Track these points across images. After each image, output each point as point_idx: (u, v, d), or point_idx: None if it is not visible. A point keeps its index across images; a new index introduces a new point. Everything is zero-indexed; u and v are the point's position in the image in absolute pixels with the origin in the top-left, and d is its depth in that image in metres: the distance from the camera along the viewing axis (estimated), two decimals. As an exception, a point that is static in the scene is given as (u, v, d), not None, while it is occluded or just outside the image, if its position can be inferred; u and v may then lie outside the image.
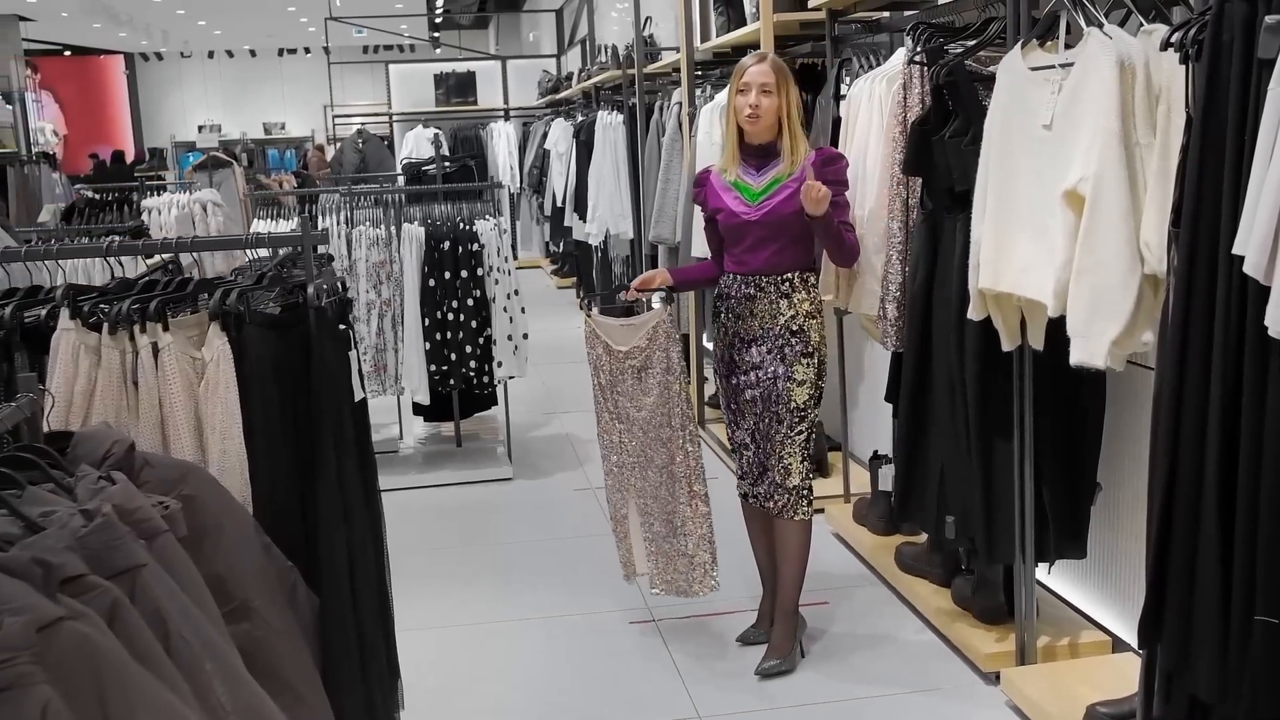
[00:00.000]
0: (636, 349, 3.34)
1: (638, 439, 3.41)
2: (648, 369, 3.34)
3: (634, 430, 3.41)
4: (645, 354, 3.34)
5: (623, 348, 3.38)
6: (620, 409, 3.44)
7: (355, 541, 2.33)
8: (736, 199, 3.35)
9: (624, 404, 3.42)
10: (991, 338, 2.96)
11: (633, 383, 3.38)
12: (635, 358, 3.35)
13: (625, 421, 3.44)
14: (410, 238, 5.16)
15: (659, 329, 3.32)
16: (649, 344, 3.32)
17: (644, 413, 3.37)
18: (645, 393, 3.36)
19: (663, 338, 3.32)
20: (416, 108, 13.75)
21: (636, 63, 7.20)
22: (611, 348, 3.40)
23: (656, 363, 3.33)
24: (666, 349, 3.32)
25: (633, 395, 3.39)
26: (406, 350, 5.16)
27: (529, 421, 6.45)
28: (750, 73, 3.27)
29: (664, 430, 3.34)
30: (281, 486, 2.25)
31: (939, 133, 3.06)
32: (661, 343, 3.32)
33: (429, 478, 5.42)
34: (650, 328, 3.33)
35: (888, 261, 3.32)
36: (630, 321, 3.40)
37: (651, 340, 3.32)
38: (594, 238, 7.94)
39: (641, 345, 3.33)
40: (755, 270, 3.34)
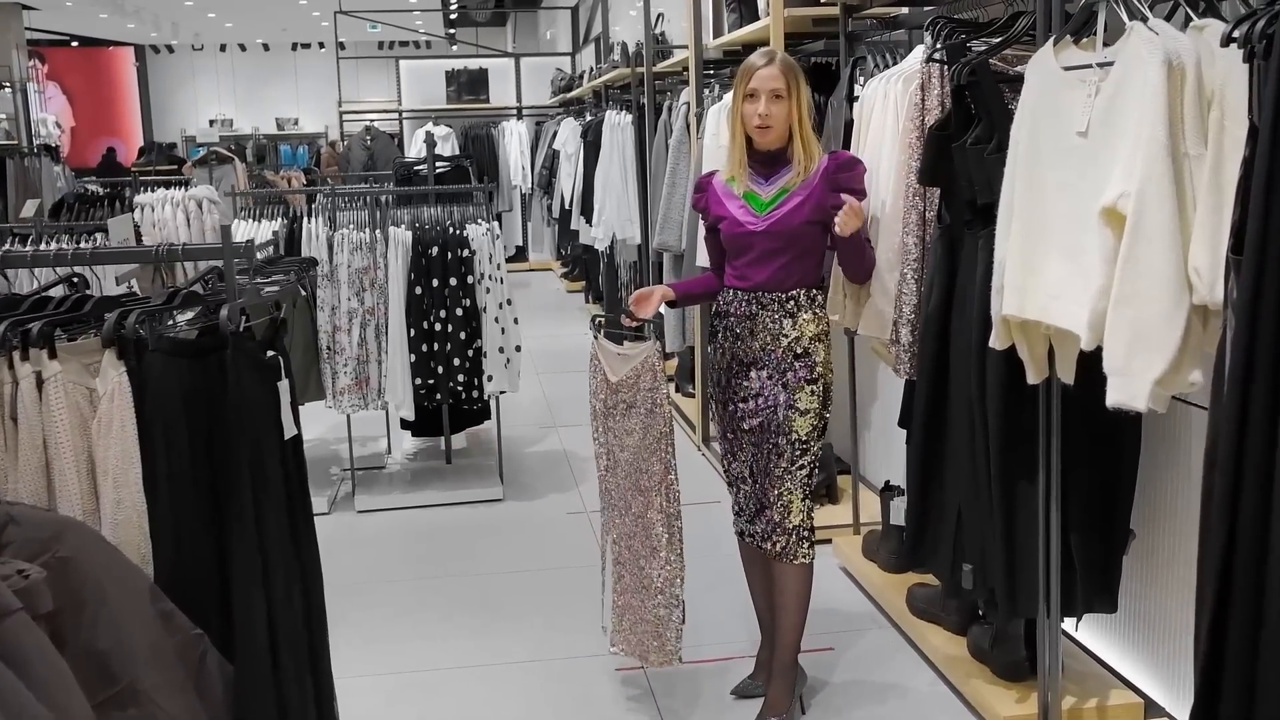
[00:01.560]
0: (626, 382, 3.03)
1: (619, 479, 3.10)
2: (633, 406, 3.02)
3: (618, 470, 3.10)
4: (632, 390, 3.02)
5: (614, 378, 3.07)
6: (609, 442, 3.13)
7: (278, 600, 2.03)
8: (742, 208, 3.05)
9: (612, 439, 3.11)
10: (1015, 368, 2.64)
11: (621, 417, 3.06)
12: (625, 391, 3.04)
13: (611, 458, 3.12)
14: (396, 242, 4.86)
15: (645, 365, 3.00)
16: (635, 380, 3.01)
17: (627, 453, 3.06)
18: (629, 432, 3.05)
19: (647, 376, 2.99)
20: (427, 105, 13.49)
21: (645, 61, 6.89)
22: (607, 376, 3.10)
23: (640, 403, 3.01)
24: (652, 390, 2.99)
25: (620, 430, 3.08)
26: (390, 362, 4.86)
27: (524, 436, 6.14)
28: (759, 76, 2.97)
29: (642, 479, 3.02)
30: (190, 541, 1.95)
31: (960, 139, 2.73)
32: (646, 382, 2.99)
33: (415, 498, 5.12)
34: (638, 363, 3.01)
35: (901, 280, 3.00)
36: (624, 351, 3.08)
37: (638, 376, 3.00)
38: (600, 242, 7.64)
39: (630, 380, 3.02)
40: (758, 286, 3.04)
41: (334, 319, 4.84)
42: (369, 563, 4.50)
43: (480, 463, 5.58)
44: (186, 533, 1.94)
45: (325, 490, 5.17)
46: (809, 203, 2.98)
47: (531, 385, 7.11)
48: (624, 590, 3.11)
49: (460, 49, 18.05)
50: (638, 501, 3.04)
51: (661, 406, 2.98)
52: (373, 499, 5.09)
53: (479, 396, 5.01)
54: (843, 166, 3.00)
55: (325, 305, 4.82)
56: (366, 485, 5.26)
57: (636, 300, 3.11)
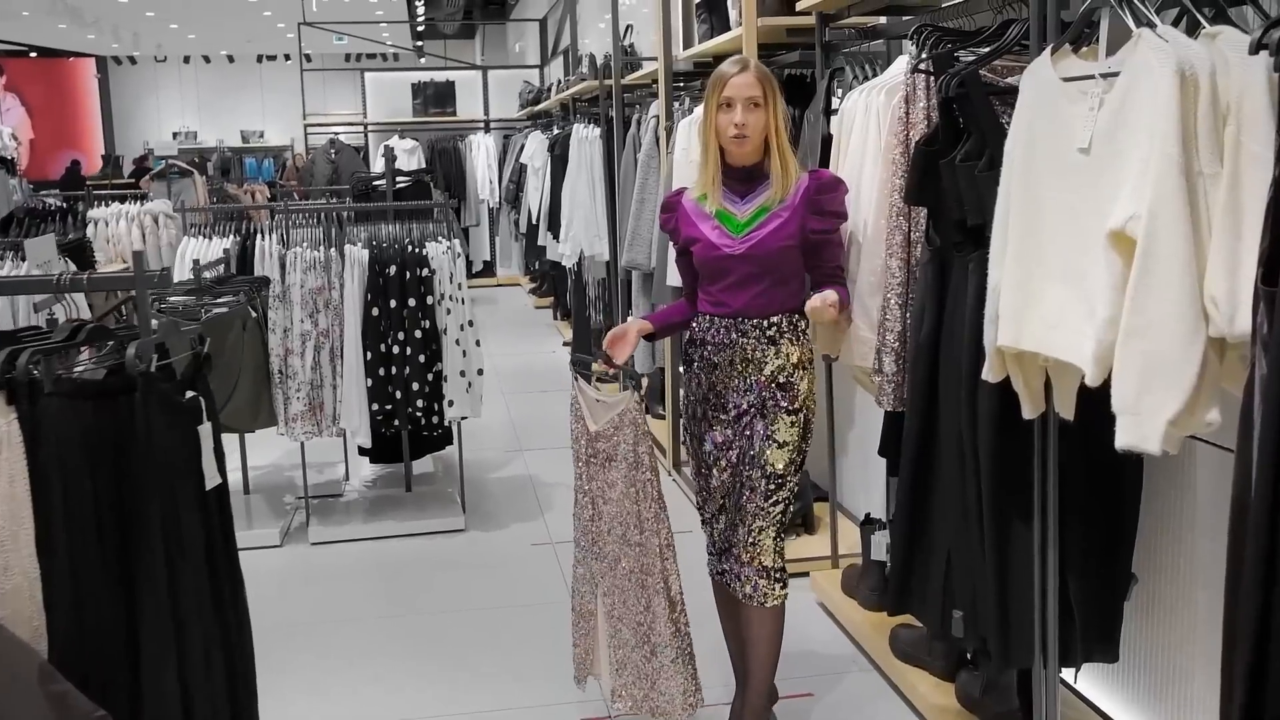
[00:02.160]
0: (605, 433, 2.81)
1: (604, 531, 2.87)
2: (613, 459, 2.80)
3: (602, 521, 2.87)
4: (612, 442, 2.80)
5: (593, 426, 2.85)
6: (593, 490, 2.91)
7: (194, 672, 1.80)
8: (717, 229, 2.85)
9: (595, 487, 2.89)
10: (1010, 401, 2.45)
11: (601, 467, 2.84)
12: (604, 441, 2.82)
13: (595, 508, 2.90)
14: (352, 261, 4.63)
15: (625, 417, 2.78)
16: (615, 432, 2.79)
17: (611, 506, 2.84)
18: (610, 484, 2.83)
19: (628, 428, 2.77)
20: (393, 118, 13.27)
21: (614, 72, 6.70)
22: (587, 424, 2.88)
23: (622, 456, 2.79)
24: (634, 443, 2.77)
25: (603, 482, 2.85)
26: (346, 387, 4.63)
27: (489, 460, 5.91)
28: (734, 84, 2.77)
29: (632, 533, 2.79)
30: (94, 609, 1.72)
31: (948, 155, 2.55)
32: (627, 435, 2.77)
33: (372, 528, 4.88)
34: (617, 414, 2.80)
35: (885, 306, 2.80)
36: (602, 398, 2.87)
37: (618, 429, 2.79)
38: (567, 259, 7.42)
39: (609, 431, 2.80)
40: (736, 312, 2.84)
41: (286, 342, 4.60)
42: (321, 600, 4.26)
43: (442, 490, 5.35)
44: (89, 599, 1.71)
45: (278, 520, 4.92)
46: (790, 224, 2.78)
47: (497, 406, 6.88)
48: (621, 645, 2.87)
49: (428, 61, 17.85)
50: (628, 556, 2.82)
51: (645, 461, 2.76)
52: (327, 530, 4.85)
53: (439, 422, 4.78)
54: (824, 188, 2.81)
55: (277, 327, 4.59)
56: (322, 515, 5.01)
57: (611, 342, 2.89)
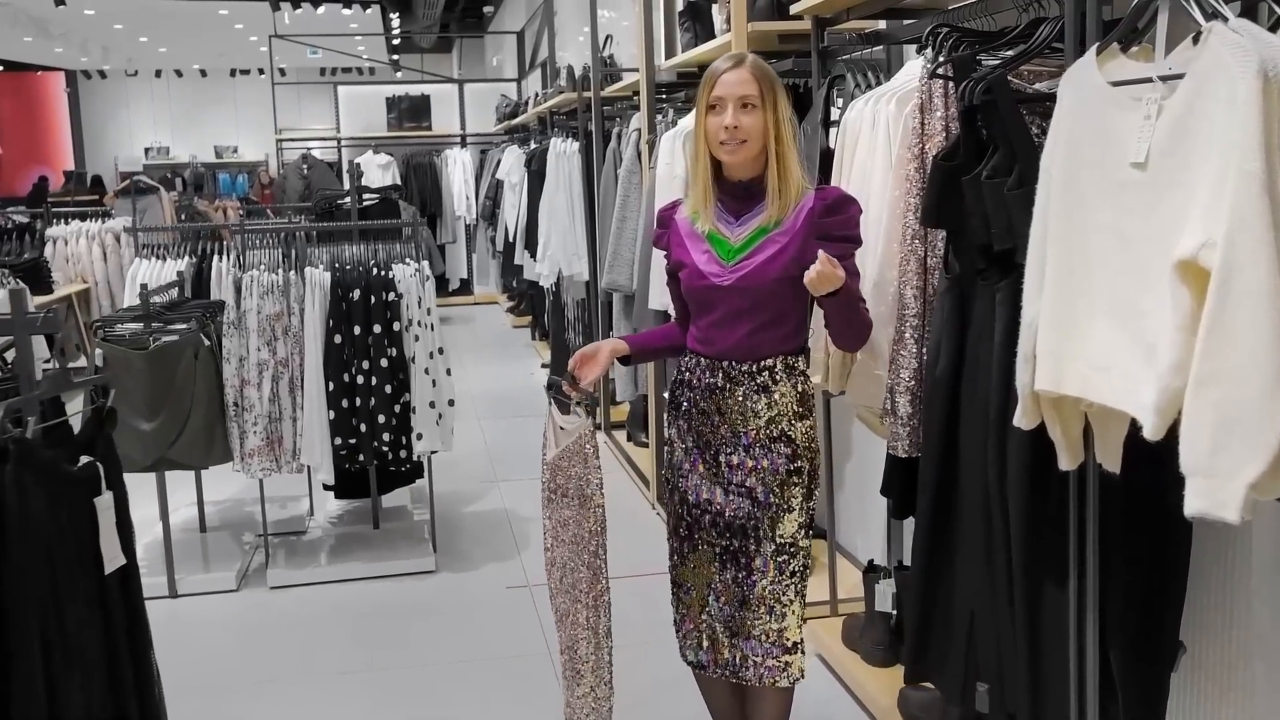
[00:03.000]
0: (560, 464, 2.50)
1: (557, 575, 2.57)
2: (568, 494, 2.50)
3: (555, 567, 2.57)
4: (567, 474, 2.49)
5: (552, 453, 2.55)
6: (555, 528, 2.60)
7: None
8: (707, 254, 2.52)
9: (556, 524, 2.58)
10: (1043, 449, 2.15)
11: (557, 503, 2.54)
12: (560, 473, 2.51)
13: (553, 550, 2.60)
14: (313, 284, 4.31)
15: (575, 448, 2.46)
16: (569, 463, 2.48)
17: (563, 548, 2.53)
18: (563, 523, 2.52)
19: (576, 461, 2.46)
20: (367, 132, 12.96)
21: (593, 84, 6.41)
22: (548, 450, 2.58)
23: (573, 492, 2.48)
24: (582, 479, 2.45)
25: (558, 518, 2.55)
26: (306, 420, 4.30)
27: (462, 493, 5.59)
28: (725, 81, 2.43)
29: (571, 578, 2.49)
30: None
31: (971, 171, 2.25)
32: (576, 469, 2.46)
33: (335, 570, 4.54)
34: (571, 444, 2.48)
35: (898, 340, 2.50)
36: (565, 424, 2.56)
37: (570, 459, 2.47)
38: (545, 278, 7.12)
39: (563, 462, 2.49)
40: (724, 353, 2.51)
41: (242, 371, 4.27)
42: (280, 651, 3.92)
43: (412, 526, 5.02)
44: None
45: (235, 562, 4.58)
46: (788, 251, 2.44)
47: (471, 433, 6.57)
48: None
49: (404, 75, 17.55)
50: (570, 607, 2.51)
51: (592, 500, 2.44)
52: (288, 572, 4.51)
53: (408, 457, 4.45)
54: (833, 208, 2.44)
55: (232, 356, 4.26)
56: (283, 555, 4.67)
57: (581, 361, 2.57)
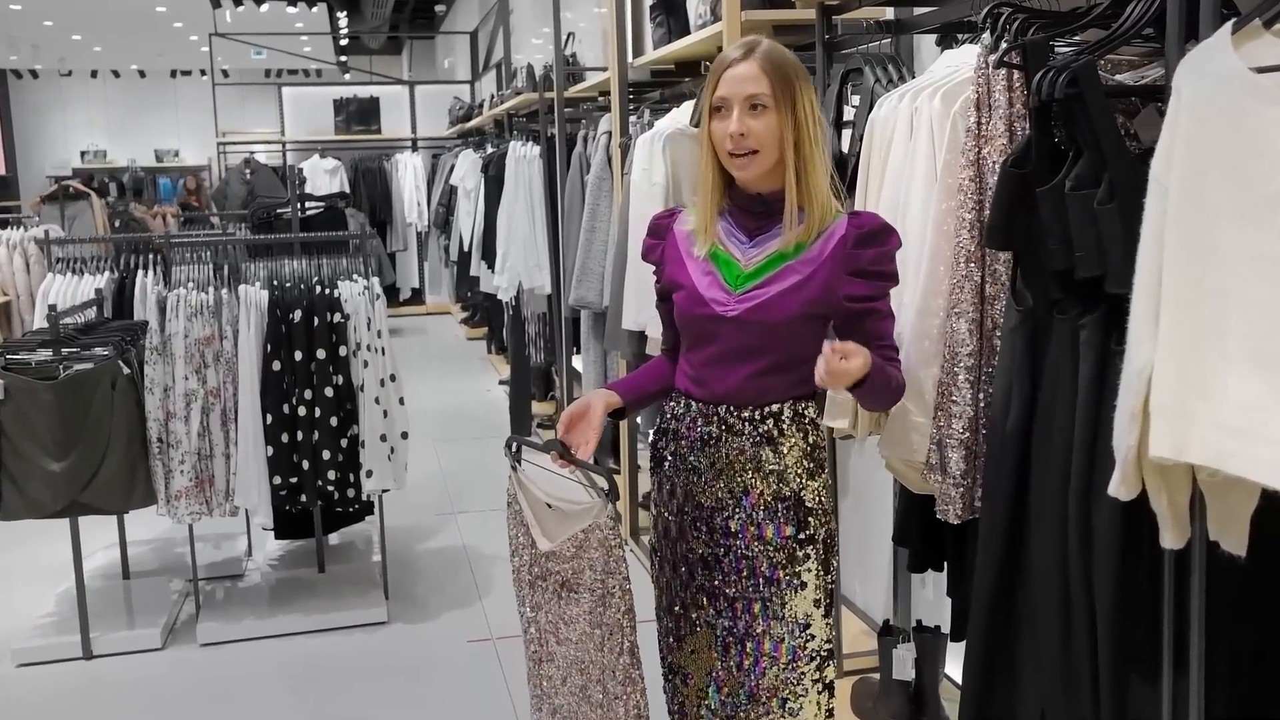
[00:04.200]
0: (562, 554, 2.05)
1: (558, 681, 2.12)
2: (574, 590, 2.04)
3: (554, 665, 2.12)
4: (572, 565, 2.04)
5: (544, 544, 2.09)
6: (541, 624, 2.15)
7: None
8: (710, 277, 2.09)
9: (544, 620, 2.13)
10: (1139, 522, 1.76)
11: (554, 596, 2.09)
12: (559, 562, 2.06)
13: (544, 645, 2.14)
14: (249, 304, 3.84)
15: (592, 538, 2.01)
16: (577, 554, 2.03)
17: (569, 648, 2.08)
18: (568, 621, 2.07)
19: (597, 552, 2.01)
20: (313, 136, 12.42)
21: (556, 84, 5.97)
22: (533, 537, 2.12)
23: (586, 587, 2.02)
24: (604, 573, 2.01)
25: (555, 616, 2.10)
26: (241, 457, 3.82)
27: (416, 528, 5.12)
28: (729, 78, 2.01)
29: (592, 688, 2.04)
30: None
31: (1046, 180, 1.85)
32: (595, 561, 2.01)
33: (274, 623, 4.05)
34: (580, 532, 2.03)
35: (949, 384, 2.08)
36: (559, 504, 2.11)
37: (581, 551, 2.02)
38: (504, 292, 6.65)
39: (568, 552, 2.04)
40: (721, 397, 2.08)
41: (167, 403, 3.78)
42: None
43: (362, 568, 4.54)
44: None
45: (160, 614, 4.08)
46: (812, 285, 2.01)
47: (426, 458, 6.10)
48: None
49: (353, 76, 17.01)
50: (596, 696, 2.06)
51: (616, 597, 2.00)
52: (221, 626, 4.02)
53: (355, 496, 3.99)
54: (868, 238, 1.99)
55: (155, 386, 3.77)
56: (215, 605, 4.18)
57: (570, 424, 2.10)
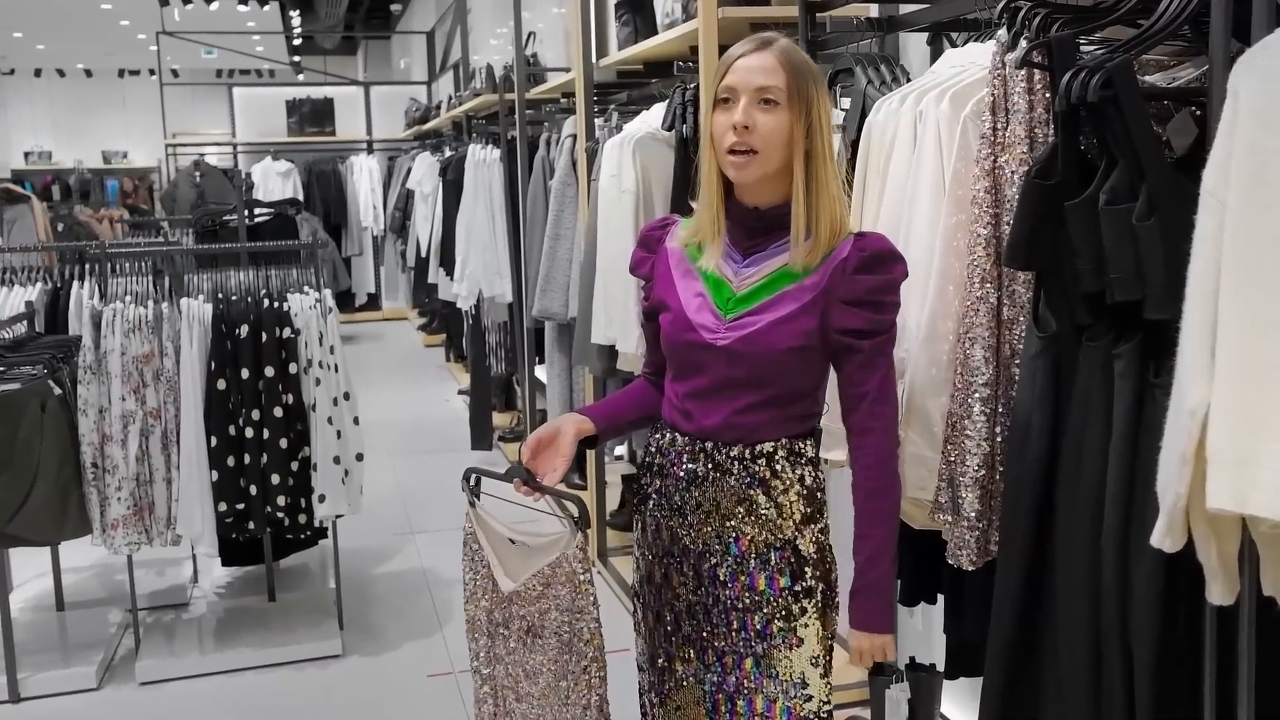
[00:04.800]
0: (527, 594, 1.84)
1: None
2: (538, 635, 1.84)
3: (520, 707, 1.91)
4: (537, 606, 1.83)
5: (506, 585, 1.88)
6: (499, 678, 1.94)
7: None
8: (700, 299, 1.89)
9: (503, 673, 1.92)
10: (1180, 573, 1.58)
11: (518, 644, 1.87)
12: (523, 605, 1.85)
13: (501, 702, 1.93)
14: (191, 319, 3.59)
15: (559, 571, 1.81)
16: (543, 593, 1.82)
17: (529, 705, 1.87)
18: (531, 674, 1.86)
19: (563, 590, 1.80)
20: (265, 137, 12.10)
21: (517, 85, 5.76)
22: (494, 576, 1.90)
23: (552, 628, 1.82)
24: (573, 613, 1.80)
25: (517, 666, 1.89)
26: (183, 483, 3.57)
27: (373, 549, 4.88)
28: (741, 67, 1.80)
29: None
30: None
31: (1075, 193, 1.66)
32: (561, 597, 1.81)
33: (220, 658, 3.80)
34: (546, 566, 1.82)
35: (962, 416, 1.88)
36: (522, 537, 1.90)
37: (547, 588, 1.82)
38: (463, 300, 6.42)
39: (533, 590, 1.83)
40: (709, 433, 1.88)
41: (102, 426, 3.52)
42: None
43: (315, 595, 4.30)
44: None
45: (96, 650, 3.81)
46: (810, 315, 1.81)
47: (382, 473, 5.84)
48: None
49: (307, 77, 16.68)
50: None
51: (584, 638, 1.79)
52: (162, 663, 3.76)
53: (307, 522, 3.75)
54: (872, 262, 1.78)
55: (90, 407, 3.51)
56: (156, 639, 3.92)
57: (536, 451, 1.90)
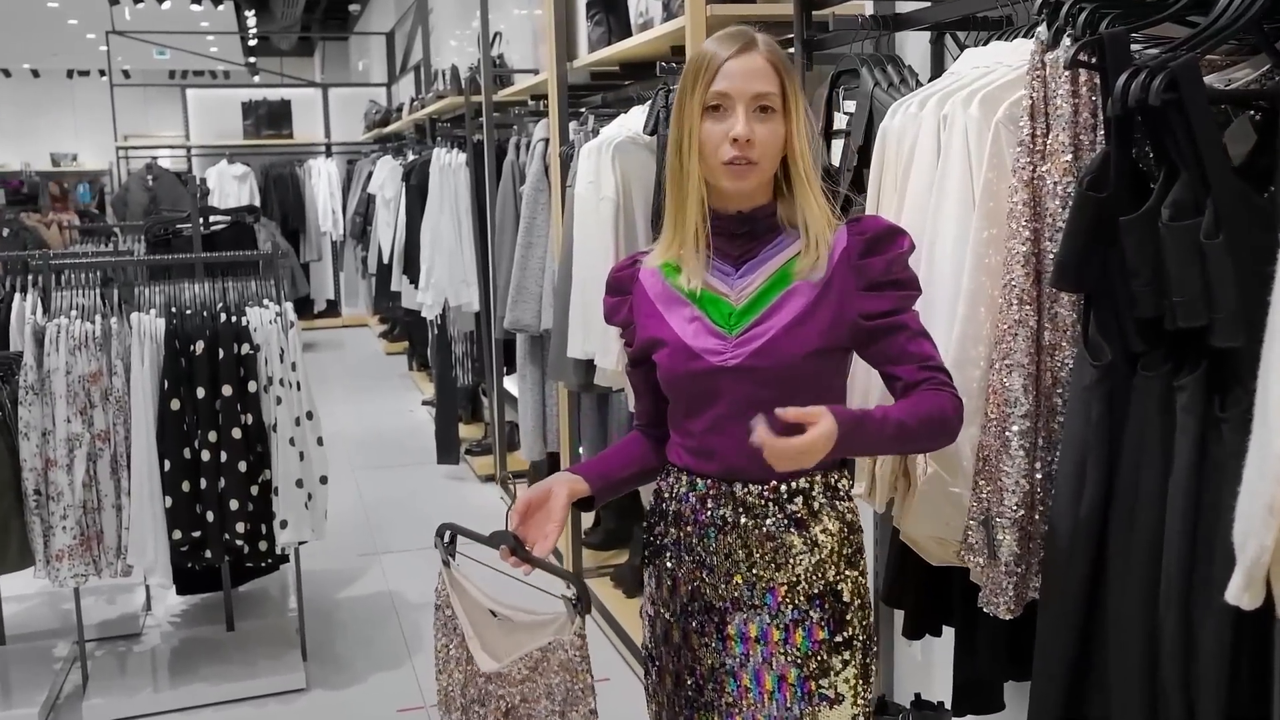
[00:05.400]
0: (510, 676, 1.65)
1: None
2: (515, 714, 1.64)
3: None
4: (522, 692, 1.64)
5: (488, 665, 1.68)
6: None
7: None
8: (697, 323, 1.72)
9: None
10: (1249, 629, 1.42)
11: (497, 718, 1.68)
12: (506, 687, 1.66)
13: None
14: (143, 335, 3.37)
15: (551, 658, 1.61)
16: (530, 676, 1.63)
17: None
18: None
19: (558, 677, 1.61)
20: (221, 140, 11.79)
21: (484, 86, 5.56)
22: (470, 652, 1.71)
23: (540, 716, 1.63)
24: (565, 702, 1.61)
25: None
26: (135, 510, 3.35)
27: (336, 572, 4.65)
28: (731, 71, 1.64)
29: None
30: None
31: (1131, 207, 1.50)
32: (557, 687, 1.61)
33: (174, 695, 3.56)
34: (537, 650, 1.63)
35: (998, 449, 1.70)
36: (506, 612, 1.71)
37: (535, 672, 1.62)
38: (429, 309, 6.20)
39: (518, 674, 1.64)
40: (736, 472, 1.71)
41: (46, 450, 3.29)
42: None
43: (276, 625, 4.08)
44: None
45: (39, 689, 3.57)
46: (823, 311, 1.67)
47: (345, 489, 5.63)
48: None
49: (263, 79, 16.36)
50: None
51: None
52: (112, 701, 3.52)
53: (268, 550, 3.53)
54: (875, 244, 1.68)
55: (32, 430, 3.28)
56: (106, 674, 3.68)
57: (526, 515, 1.69)
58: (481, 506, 5.51)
